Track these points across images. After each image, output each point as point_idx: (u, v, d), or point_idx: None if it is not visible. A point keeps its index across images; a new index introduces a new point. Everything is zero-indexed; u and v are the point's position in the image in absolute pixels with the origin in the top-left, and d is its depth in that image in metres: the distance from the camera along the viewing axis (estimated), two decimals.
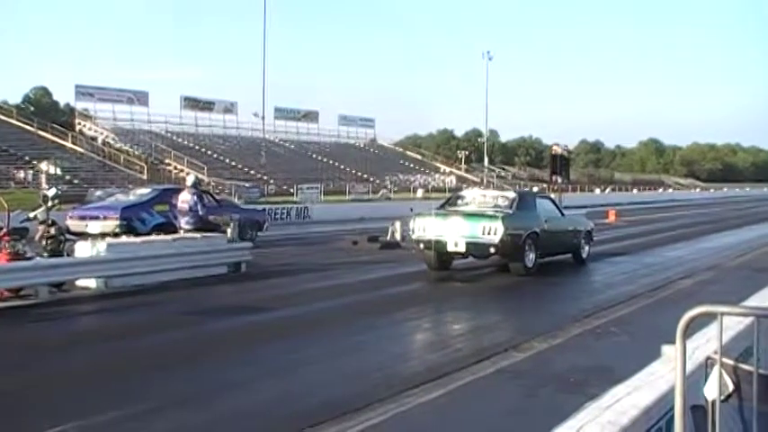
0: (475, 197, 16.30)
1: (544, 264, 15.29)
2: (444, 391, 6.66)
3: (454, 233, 14.39)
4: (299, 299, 12.11)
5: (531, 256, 14.68)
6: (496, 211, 14.73)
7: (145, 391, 6.76)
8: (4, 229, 12.69)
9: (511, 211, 14.81)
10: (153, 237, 15.39)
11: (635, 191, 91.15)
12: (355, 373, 7.48)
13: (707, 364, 2.71)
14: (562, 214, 16.85)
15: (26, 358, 8.08)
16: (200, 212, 15.32)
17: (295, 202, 42.13)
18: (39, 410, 6.12)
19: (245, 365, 7.86)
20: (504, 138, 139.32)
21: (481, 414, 6.22)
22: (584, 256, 17.16)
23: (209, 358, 8.10)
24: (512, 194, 16.31)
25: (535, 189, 54.27)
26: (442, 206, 16.10)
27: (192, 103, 79.23)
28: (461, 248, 14.46)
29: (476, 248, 14.47)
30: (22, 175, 49.40)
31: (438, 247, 14.48)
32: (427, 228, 14.75)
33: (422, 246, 14.92)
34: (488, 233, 14.12)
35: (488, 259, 15.15)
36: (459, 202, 16.16)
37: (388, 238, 20.86)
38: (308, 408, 6.20)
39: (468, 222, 14.45)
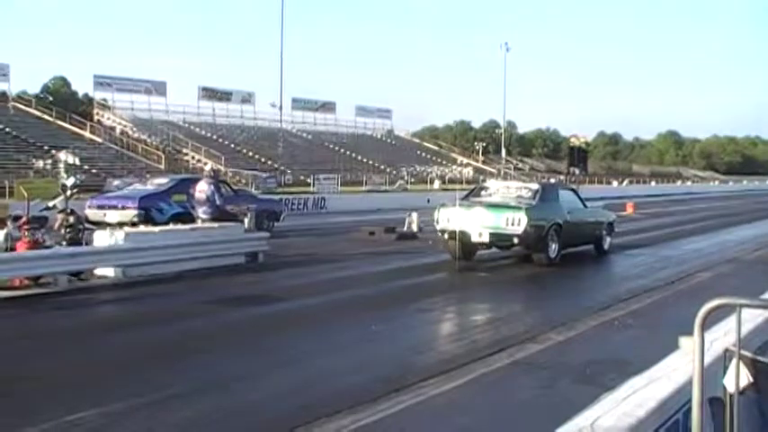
0: (498, 188, 16.40)
1: (565, 254, 15.30)
2: (459, 383, 6.66)
3: (478, 224, 14.48)
4: (316, 289, 12.13)
5: (554, 246, 14.76)
6: (520, 203, 14.85)
7: (163, 379, 6.81)
8: (24, 218, 12.83)
9: (534, 203, 14.91)
10: (171, 226, 15.41)
11: (653, 183, 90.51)
12: (370, 364, 7.50)
13: (725, 357, 2.69)
14: (585, 206, 16.86)
15: (46, 345, 8.17)
16: (218, 202, 15.40)
17: (312, 193, 42.18)
18: (58, 397, 6.17)
19: (259, 355, 7.90)
20: (521, 129, 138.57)
21: (496, 406, 6.22)
22: (606, 247, 17.23)
23: (225, 347, 8.15)
24: (535, 186, 16.43)
25: (552, 181, 54.09)
26: (466, 197, 16.16)
27: (210, 94, 79.49)
28: (485, 239, 14.56)
29: (499, 239, 14.62)
30: (40, 164, 49.67)
31: (462, 237, 14.53)
32: (451, 218, 14.80)
33: (446, 236, 15.00)
34: (512, 224, 14.21)
35: (511, 250, 15.23)
36: (483, 193, 16.26)
37: (405, 229, 20.90)
38: (323, 397, 6.22)
39: (491, 213, 14.53)
